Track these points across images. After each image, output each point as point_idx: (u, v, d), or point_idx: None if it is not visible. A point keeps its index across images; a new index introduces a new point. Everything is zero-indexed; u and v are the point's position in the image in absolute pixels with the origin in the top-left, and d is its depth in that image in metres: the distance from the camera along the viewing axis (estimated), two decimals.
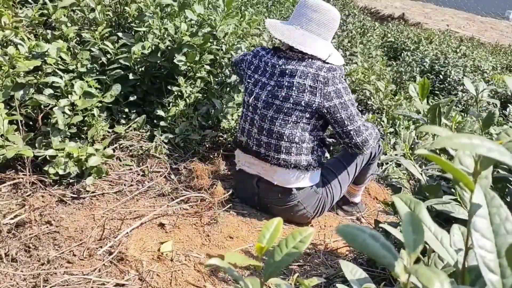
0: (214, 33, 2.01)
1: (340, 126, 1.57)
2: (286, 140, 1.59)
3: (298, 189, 1.63)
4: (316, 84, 1.52)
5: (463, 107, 3.67)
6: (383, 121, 2.57)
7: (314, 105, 1.53)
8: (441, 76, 3.94)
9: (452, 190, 0.96)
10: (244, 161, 1.71)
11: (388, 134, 2.50)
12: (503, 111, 3.50)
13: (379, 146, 1.81)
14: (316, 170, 1.65)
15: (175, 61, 1.87)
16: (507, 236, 0.42)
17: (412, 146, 1.20)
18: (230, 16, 2.00)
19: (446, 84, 3.87)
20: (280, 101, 1.57)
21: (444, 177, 1.06)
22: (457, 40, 6.05)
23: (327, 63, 1.56)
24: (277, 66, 1.60)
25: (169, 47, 1.92)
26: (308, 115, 1.56)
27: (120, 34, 1.90)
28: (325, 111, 1.54)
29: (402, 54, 4.48)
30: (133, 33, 1.98)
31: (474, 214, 0.44)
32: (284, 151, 1.60)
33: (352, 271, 0.64)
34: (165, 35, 1.94)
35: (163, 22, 1.95)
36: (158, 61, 1.92)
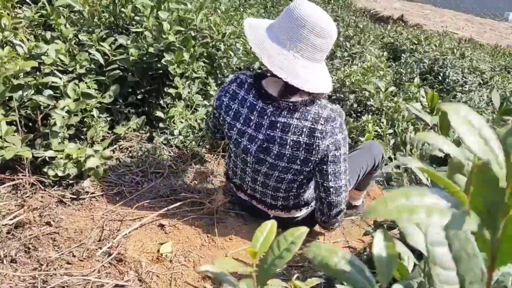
0: (195, 25, 2.00)
1: (322, 178, 1.37)
2: (282, 191, 1.45)
3: (295, 217, 1.58)
4: (312, 140, 1.29)
5: None
6: (382, 122, 2.58)
7: (310, 163, 1.34)
8: (439, 77, 3.95)
9: None
10: (243, 196, 1.60)
11: (388, 135, 2.51)
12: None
13: (383, 157, 1.74)
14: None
15: (163, 61, 1.85)
16: (469, 260, 0.35)
17: (411, 148, 1.20)
18: (204, 7, 1.99)
19: (445, 85, 3.88)
20: (273, 159, 1.36)
21: None
22: (456, 41, 6.07)
23: (319, 98, 1.33)
24: (265, 116, 1.32)
25: (160, 49, 1.91)
26: (305, 173, 1.39)
27: (116, 36, 1.90)
28: (318, 161, 1.34)
29: (402, 55, 4.50)
30: (130, 34, 1.98)
31: (430, 244, 0.38)
32: (281, 199, 1.48)
33: None
34: (151, 36, 1.93)
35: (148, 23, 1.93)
36: (153, 61, 1.91)
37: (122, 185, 1.67)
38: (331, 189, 1.37)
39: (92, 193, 1.57)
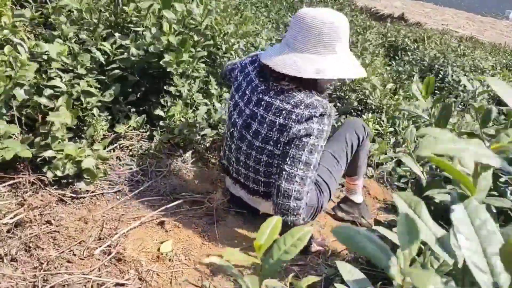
0: (200, 28, 1.99)
1: (280, 159, 1.34)
2: (262, 176, 1.43)
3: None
4: (286, 121, 1.30)
5: (463, 107, 3.68)
6: (382, 120, 2.57)
7: (279, 145, 1.34)
8: (440, 76, 3.94)
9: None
10: (229, 183, 1.62)
11: (388, 134, 2.51)
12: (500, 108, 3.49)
13: (366, 131, 1.66)
14: None
15: (161, 62, 1.83)
16: (489, 236, 0.42)
17: (414, 143, 1.21)
18: (207, 9, 2.00)
19: (446, 84, 3.87)
20: (251, 137, 1.39)
21: (446, 176, 1.06)
22: (457, 40, 6.06)
23: (318, 91, 1.35)
24: (255, 92, 1.39)
25: (160, 49, 1.89)
26: (277, 156, 1.37)
27: (117, 35, 1.89)
28: (286, 142, 1.33)
29: (402, 53, 4.49)
30: (132, 33, 1.97)
31: (454, 218, 0.45)
32: (262, 185, 1.46)
33: (350, 272, 0.64)
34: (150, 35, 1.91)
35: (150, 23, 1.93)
36: (152, 61, 1.90)
37: (122, 183, 1.67)
38: (284, 172, 1.32)
39: (93, 191, 1.57)
